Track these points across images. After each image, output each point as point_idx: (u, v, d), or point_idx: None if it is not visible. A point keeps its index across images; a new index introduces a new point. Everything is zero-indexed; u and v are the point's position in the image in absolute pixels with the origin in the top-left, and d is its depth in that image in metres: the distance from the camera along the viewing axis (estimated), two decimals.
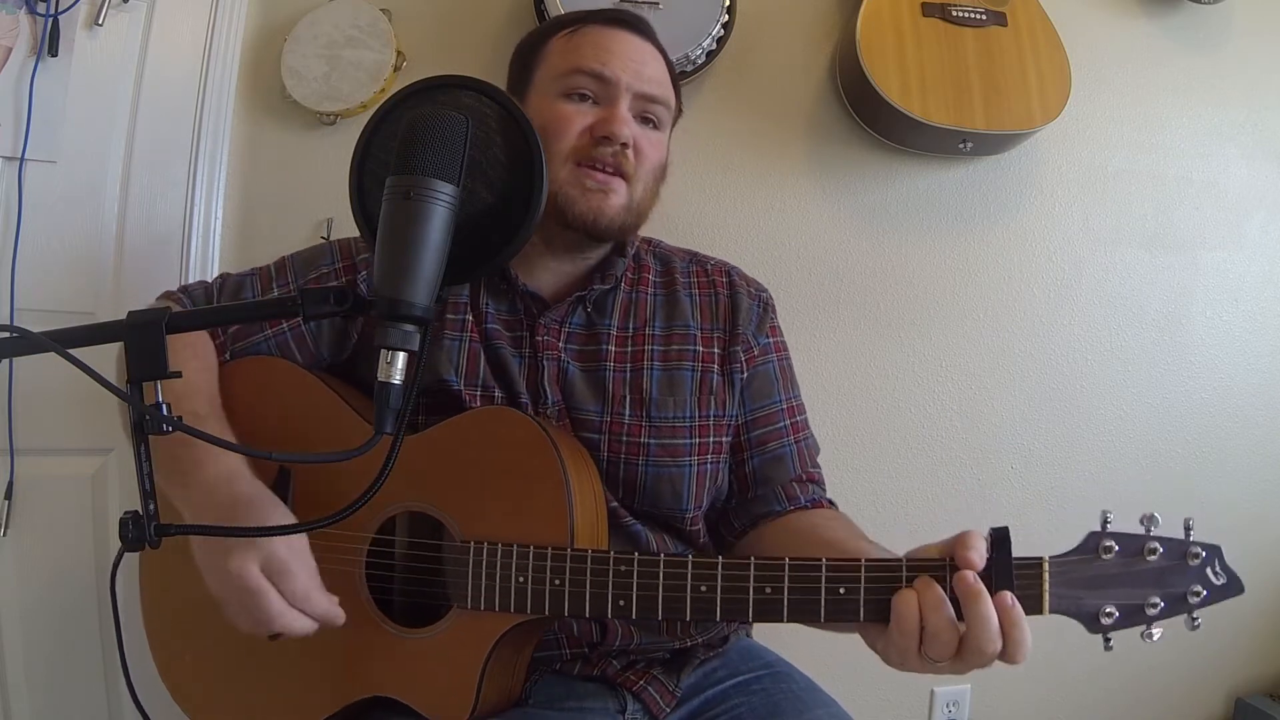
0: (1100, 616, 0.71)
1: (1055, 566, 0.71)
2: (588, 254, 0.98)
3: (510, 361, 0.94)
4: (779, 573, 0.74)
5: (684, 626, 0.96)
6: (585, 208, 0.90)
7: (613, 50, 0.94)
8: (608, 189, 0.91)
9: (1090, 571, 0.71)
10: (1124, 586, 0.71)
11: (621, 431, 0.93)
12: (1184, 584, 0.71)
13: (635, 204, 0.94)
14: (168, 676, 0.93)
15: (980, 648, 0.67)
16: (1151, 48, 1.65)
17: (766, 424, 1.00)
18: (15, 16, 1.26)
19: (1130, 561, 0.71)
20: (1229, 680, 1.76)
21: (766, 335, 1.03)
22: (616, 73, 0.92)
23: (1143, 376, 1.67)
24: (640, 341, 0.97)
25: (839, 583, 0.73)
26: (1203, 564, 0.71)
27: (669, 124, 1.00)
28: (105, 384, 0.61)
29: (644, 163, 0.94)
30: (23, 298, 1.26)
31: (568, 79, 0.93)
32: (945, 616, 0.68)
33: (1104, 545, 0.71)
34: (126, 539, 0.63)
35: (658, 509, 0.94)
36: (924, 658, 0.69)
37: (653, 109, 0.96)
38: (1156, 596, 0.71)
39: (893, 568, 0.72)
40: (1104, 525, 0.72)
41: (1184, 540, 0.71)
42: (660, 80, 0.97)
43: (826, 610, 0.73)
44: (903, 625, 0.69)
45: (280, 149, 1.44)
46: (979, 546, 0.70)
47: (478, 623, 0.81)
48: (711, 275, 1.04)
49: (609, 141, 0.90)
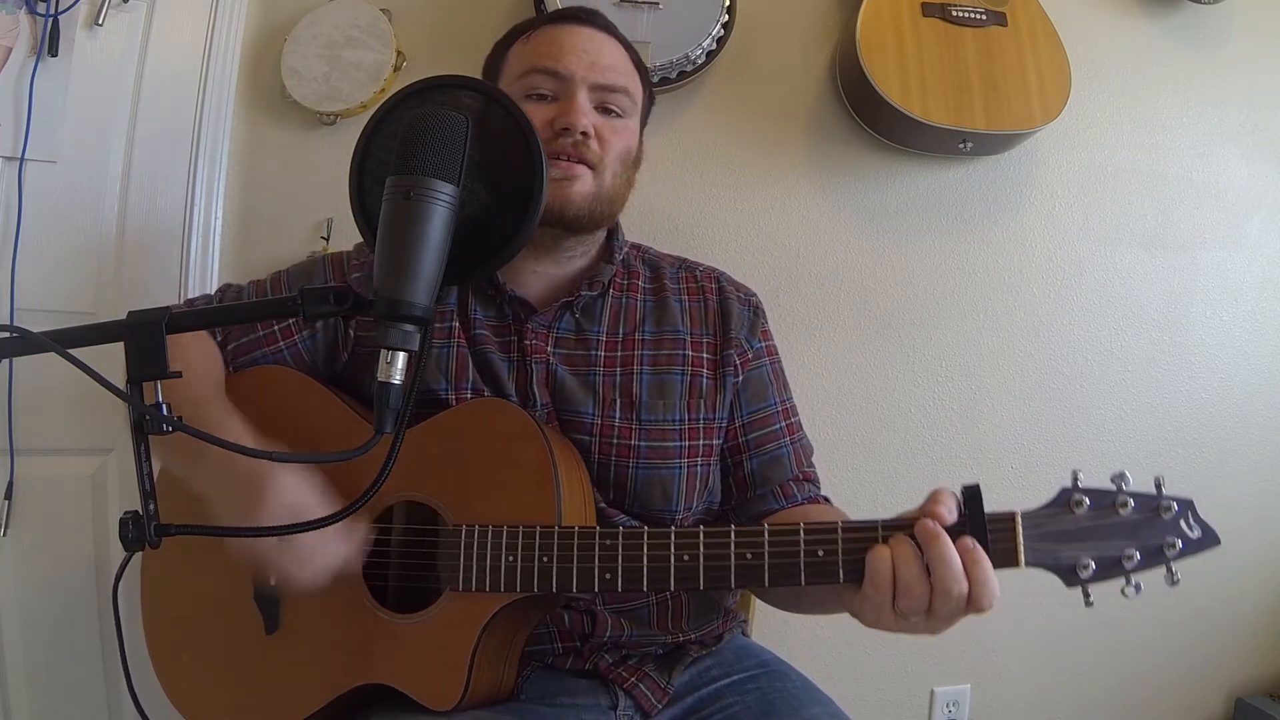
0: (1077, 569, 0.72)
1: (1028, 520, 0.73)
2: (570, 252, 0.99)
3: (499, 365, 0.95)
4: (759, 538, 0.77)
5: (675, 620, 0.96)
6: (551, 198, 0.90)
7: (564, 45, 0.95)
8: (571, 175, 0.92)
9: (1063, 525, 0.72)
10: (1099, 539, 0.72)
11: (612, 434, 0.94)
12: (1159, 536, 0.72)
13: (605, 191, 0.95)
14: (162, 671, 0.93)
15: (946, 589, 0.69)
16: (1151, 48, 1.65)
17: (763, 426, 1.02)
18: (15, 16, 1.26)
19: (1103, 514, 0.72)
20: (1229, 680, 1.76)
21: (759, 339, 1.04)
22: (570, 67, 0.94)
23: (1143, 376, 1.67)
24: (630, 346, 0.98)
25: (817, 545, 0.75)
26: (1176, 516, 0.72)
27: (635, 111, 1.01)
28: (105, 384, 0.61)
29: (609, 150, 0.95)
30: (23, 298, 1.26)
31: (525, 80, 0.95)
32: (916, 569, 0.70)
33: (1075, 499, 0.72)
34: (126, 539, 0.63)
35: (648, 510, 0.94)
36: (898, 613, 0.71)
37: (612, 98, 0.96)
38: (1132, 548, 0.71)
39: (869, 528, 0.75)
40: (1075, 482, 0.74)
41: (1155, 495, 0.73)
42: (617, 68, 0.97)
43: (807, 573, 0.75)
44: (876, 580, 0.71)
45: (280, 149, 1.44)
46: (948, 502, 0.73)
47: (469, 605, 0.82)
48: (701, 281, 1.05)
49: (568, 132, 0.92)
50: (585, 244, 1.01)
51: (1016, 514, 0.73)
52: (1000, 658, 1.65)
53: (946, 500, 0.73)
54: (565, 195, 0.92)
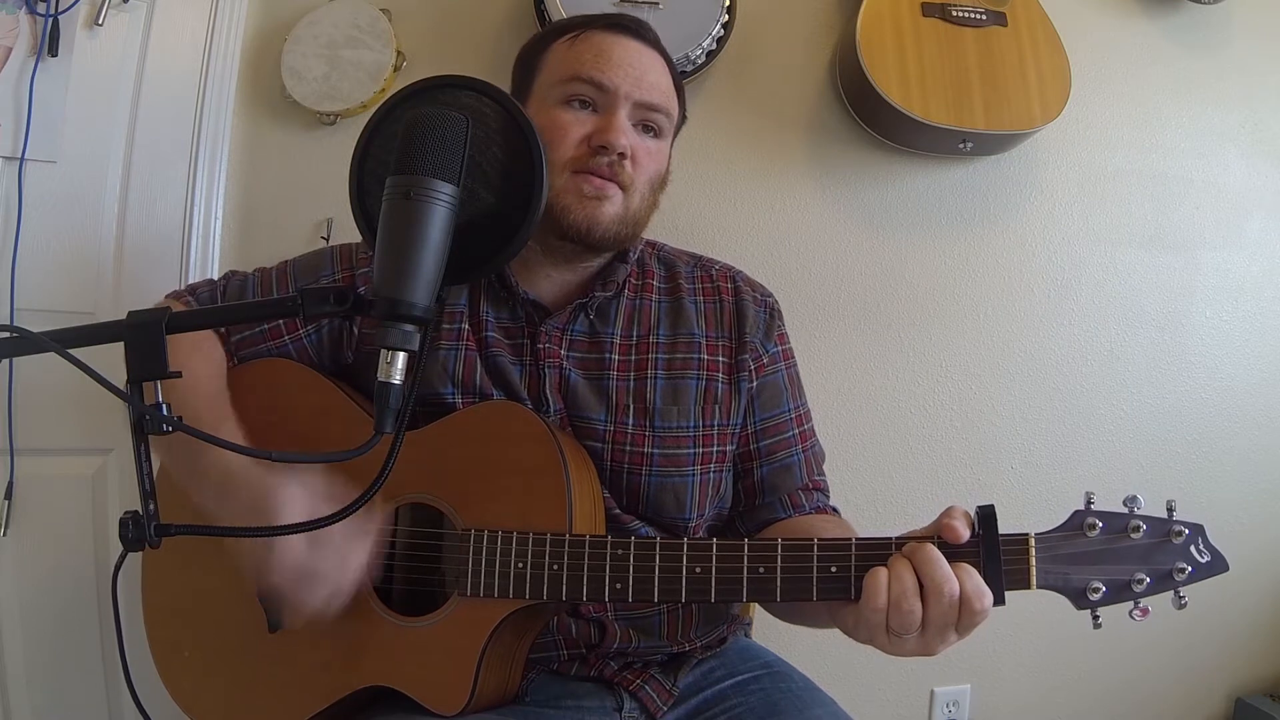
0: (1087, 592, 0.73)
1: (1041, 542, 0.73)
2: (588, 262, 0.98)
3: (510, 370, 0.93)
4: (772, 553, 0.76)
5: (683, 630, 0.96)
6: (580, 216, 0.89)
7: (612, 57, 0.92)
8: (603, 195, 0.90)
9: (1076, 547, 0.73)
10: (1109, 563, 0.73)
11: (625, 440, 0.93)
12: (1169, 561, 0.73)
13: (631, 214, 0.93)
14: (164, 670, 0.93)
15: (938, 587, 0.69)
16: (1151, 48, 1.65)
17: (776, 433, 1.00)
18: (15, 16, 1.26)
19: (1115, 538, 0.73)
20: (1229, 680, 1.76)
21: (775, 343, 1.02)
22: (616, 81, 0.91)
23: (1143, 376, 1.67)
24: (645, 350, 0.97)
25: (830, 561, 0.75)
26: (1186, 541, 0.73)
27: (670, 132, 0.99)
28: (105, 384, 0.61)
29: (641, 173, 0.93)
30: (23, 298, 1.26)
31: (567, 86, 0.92)
32: (908, 585, 0.70)
33: (1089, 522, 0.73)
34: (126, 539, 0.63)
35: (661, 517, 0.94)
36: (891, 631, 0.71)
37: (653, 117, 0.94)
38: (1142, 573, 0.72)
39: (882, 546, 0.75)
40: (1088, 504, 0.74)
41: (1167, 519, 0.73)
42: (661, 88, 0.95)
43: (819, 588, 0.75)
44: (871, 599, 0.71)
45: (280, 149, 1.44)
46: (960, 517, 0.73)
47: (477, 610, 0.82)
48: (717, 281, 1.03)
49: (606, 151, 0.89)
50: (604, 256, 0.99)
51: (1030, 536, 0.73)
52: (1000, 658, 1.65)
53: (958, 515, 0.73)
54: (595, 215, 0.90)
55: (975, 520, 0.74)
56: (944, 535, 0.73)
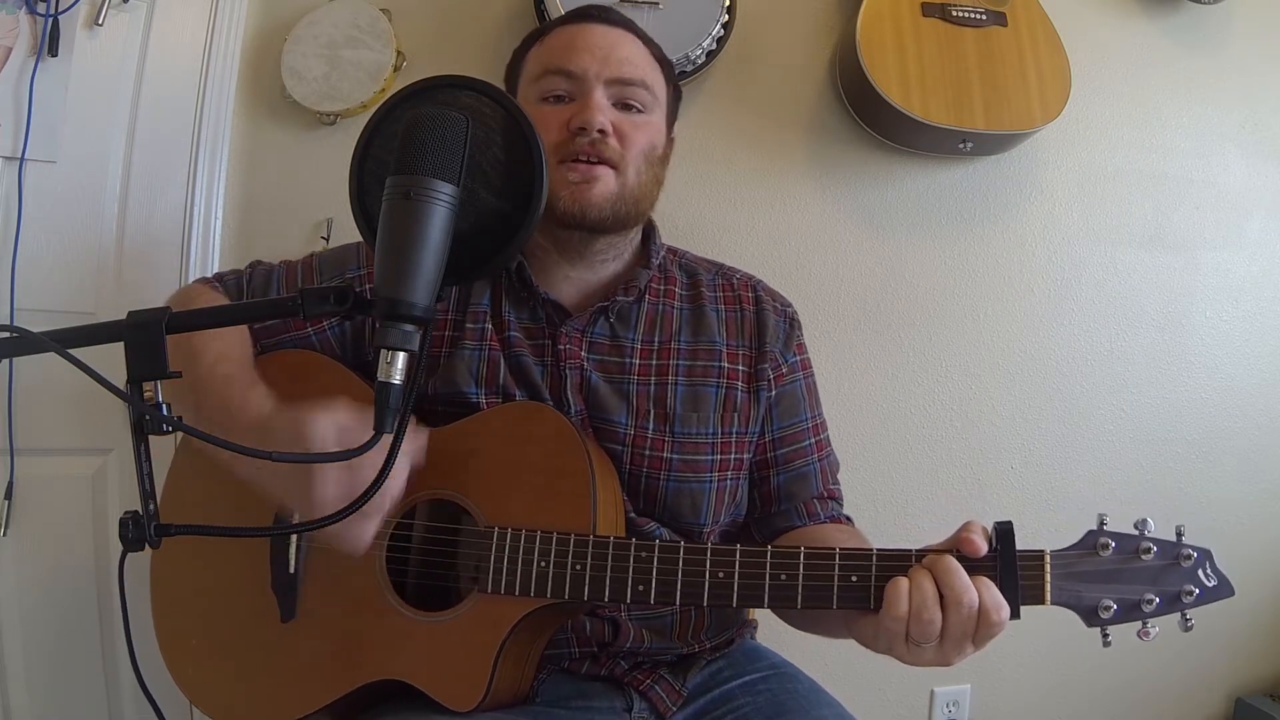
0: (1099, 610, 0.74)
1: (1056, 560, 0.75)
2: (602, 255, 0.98)
3: (533, 369, 0.93)
4: (794, 560, 0.77)
5: (694, 631, 0.96)
6: (570, 201, 0.90)
7: (577, 44, 0.94)
8: (591, 178, 0.90)
9: (1089, 566, 0.75)
10: (1121, 582, 0.75)
11: (645, 445, 0.93)
12: (1178, 583, 0.74)
13: (629, 190, 0.93)
14: (170, 657, 0.93)
15: (958, 597, 0.70)
16: (1151, 48, 1.65)
17: (793, 442, 1.01)
18: (15, 16, 1.26)
19: (1127, 559, 0.75)
20: (1229, 680, 1.76)
21: (794, 353, 1.03)
22: (584, 65, 0.92)
23: (1142, 376, 1.67)
24: (665, 355, 0.97)
25: (851, 571, 0.76)
26: (1195, 565, 0.74)
27: (657, 106, 0.98)
28: (105, 384, 0.61)
29: (631, 147, 0.93)
30: (23, 298, 1.26)
31: (541, 82, 0.94)
32: (929, 594, 0.71)
33: (1102, 542, 0.75)
34: (126, 539, 0.62)
35: (676, 521, 0.94)
36: (910, 641, 0.72)
37: (631, 92, 0.94)
38: (1152, 593, 0.74)
39: (903, 557, 0.76)
40: (1101, 525, 0.76)
41: (1176, 543, 0.75)
42: (633, 61, 0.95)
43: (839, 597, 0.76)
44: (893, 609, 0.72)
45: (280, 149, 1.44)
46: (978, 531, 0.75)
47: (497, 607, 0.82)
48: (738, 290, 1.04)
49: (584, 132, 0.90)
50: (617, 246, 0.98)
51: (1046, 553, 0.75)
52: (1000, 658, 1.65)
53: (976, 529, 0.75)
54: (585, 198, 0.90)
55: (993, 536, 0.75)
56: (962, 549, 0.74)
